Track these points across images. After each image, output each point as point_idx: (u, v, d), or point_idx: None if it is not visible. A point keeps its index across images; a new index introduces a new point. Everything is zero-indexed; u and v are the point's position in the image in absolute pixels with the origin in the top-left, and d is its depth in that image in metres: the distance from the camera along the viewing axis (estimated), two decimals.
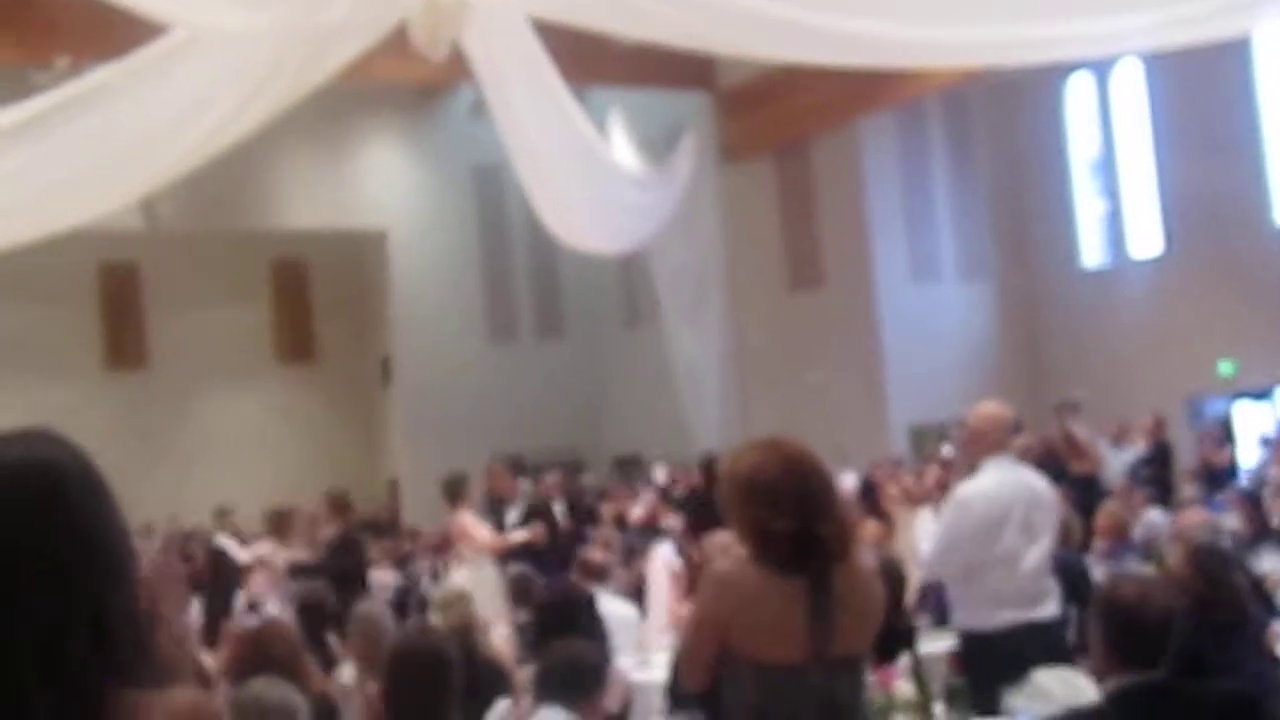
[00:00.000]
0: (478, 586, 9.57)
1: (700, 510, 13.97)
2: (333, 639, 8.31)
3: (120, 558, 1.89)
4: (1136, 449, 16.79)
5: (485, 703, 5.64)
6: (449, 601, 7.13)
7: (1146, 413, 17.13)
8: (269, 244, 23.81)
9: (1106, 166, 21.57)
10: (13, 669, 1.75)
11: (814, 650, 3.76)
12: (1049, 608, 6.65)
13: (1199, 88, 19.26)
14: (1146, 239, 20.84)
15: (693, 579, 8.43)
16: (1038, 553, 6.64)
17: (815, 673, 3.77)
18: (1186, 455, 17.73)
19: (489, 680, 6.37)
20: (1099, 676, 3.94)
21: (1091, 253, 21.88)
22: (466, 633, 6.82)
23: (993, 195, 22.33)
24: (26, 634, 1.76)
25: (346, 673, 7.12)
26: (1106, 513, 10.36)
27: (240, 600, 11.51)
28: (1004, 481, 6.70)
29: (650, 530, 15.40)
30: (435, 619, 7.07)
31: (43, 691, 1.74)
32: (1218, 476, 15.63)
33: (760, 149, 21.59)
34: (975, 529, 6.60)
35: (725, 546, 4.41)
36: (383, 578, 14.48)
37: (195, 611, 11.90)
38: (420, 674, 4.81)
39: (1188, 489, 12.62)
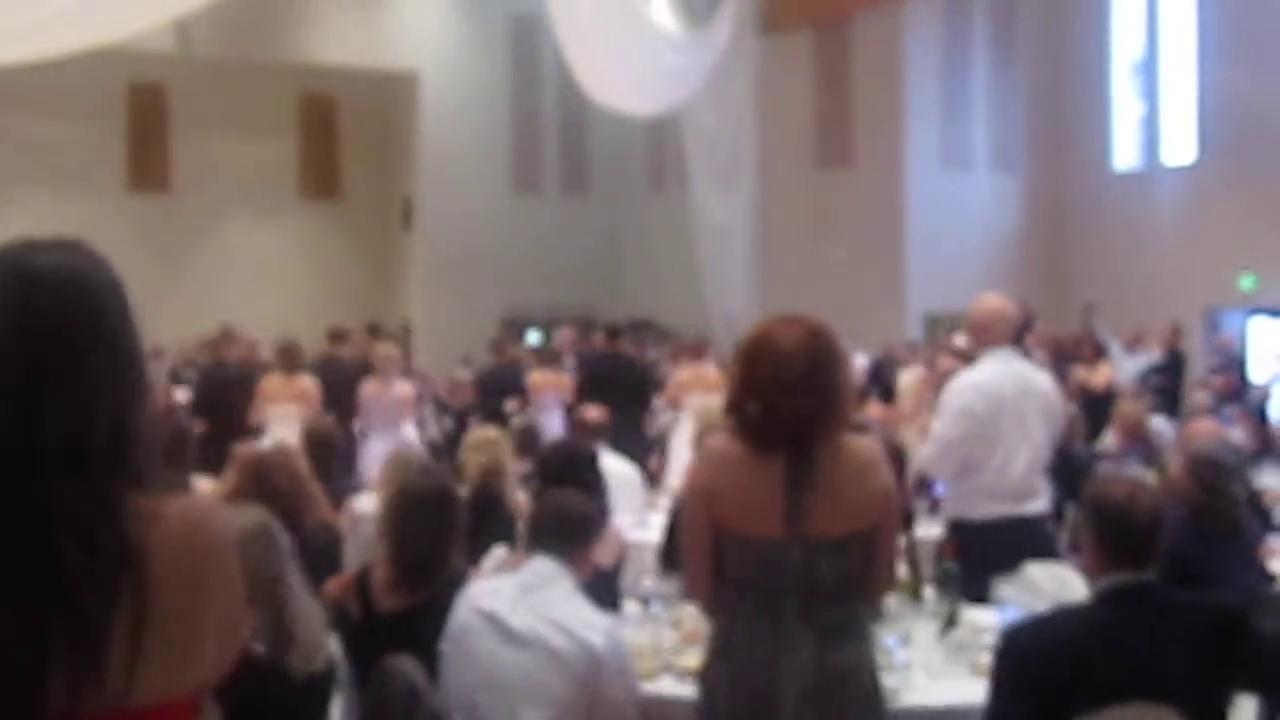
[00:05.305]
0: None
1: None
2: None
3: (139, 372, 1.96)
4: (1150, 355, 16.77)
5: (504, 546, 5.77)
6: (481, 444, 7.17)
7: (1164, 320, 17.09)
8: (299, 77, 23.63)
9: (1148, 69, 21.31)
10: (38, 470, 1.81)
11: (789, 528, 3.79)
12: (1038, 504, 6.62)
13: None
14: (1180, 146, 20.64)
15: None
16: (1031, 448, 6.58)
17: (794, 551, 3.76)
18: (1200, 365, 17.72)
19: (508, 526, 6.47)
20: (1089, 575, 3.96)
21: (1124, 155, 21.68)
22: (495, 476, 6.88)
23: (1031, 89, 22.09)
24: (52, 439, 1.82)
25: (368, 502, 7.31)
26: (1121, 413, 10.24)
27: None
28: (1001, 374, 6.61)
29: None
30: (466, 459, 7.14)
31: (66, 490, 1.81)
32: (1228, 392, 15.60)
33: (800, 23, 21.30)
34: (969, 425, 6.55)
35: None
36: None
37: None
38: (423, 512, 4.86)
39: (1199, 396, 12.56)
